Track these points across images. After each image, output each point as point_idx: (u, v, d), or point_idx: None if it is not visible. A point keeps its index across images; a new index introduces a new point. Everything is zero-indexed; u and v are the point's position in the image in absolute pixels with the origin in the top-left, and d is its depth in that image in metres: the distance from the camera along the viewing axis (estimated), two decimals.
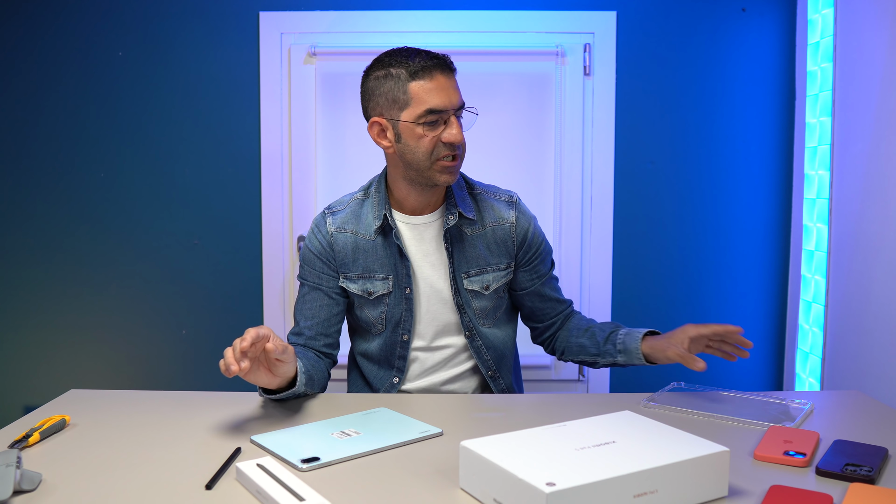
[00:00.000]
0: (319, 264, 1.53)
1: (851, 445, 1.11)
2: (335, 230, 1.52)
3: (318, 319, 1.53)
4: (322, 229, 1.53)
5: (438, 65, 1.37)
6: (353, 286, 1.52)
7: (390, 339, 1.53)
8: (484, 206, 1.53)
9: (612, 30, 2.40)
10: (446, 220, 1.47)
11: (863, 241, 1.96)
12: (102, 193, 2.50)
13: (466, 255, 1.50)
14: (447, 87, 1.37)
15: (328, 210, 1.56)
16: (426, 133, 1.37)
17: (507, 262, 1.53)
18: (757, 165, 2.45)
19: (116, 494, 0.97)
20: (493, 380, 1.56)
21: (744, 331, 1.40)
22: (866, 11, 1.96)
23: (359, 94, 1.47)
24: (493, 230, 1.52)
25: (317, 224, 1.55)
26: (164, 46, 2.45)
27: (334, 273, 1.53)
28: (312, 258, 1.53)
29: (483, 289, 1.51)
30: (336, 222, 1.53)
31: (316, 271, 1.53)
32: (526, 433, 1.01)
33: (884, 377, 1.85)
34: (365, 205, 1.53)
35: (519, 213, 1.54)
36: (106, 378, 2.54)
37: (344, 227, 1.52)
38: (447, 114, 1.37)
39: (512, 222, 1.53)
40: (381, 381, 1.56)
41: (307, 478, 1.01)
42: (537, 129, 2.45)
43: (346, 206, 1.54)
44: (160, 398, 1.40)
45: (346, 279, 1.52)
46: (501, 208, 1.54)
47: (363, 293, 1.51)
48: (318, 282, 1.53)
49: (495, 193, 1.56)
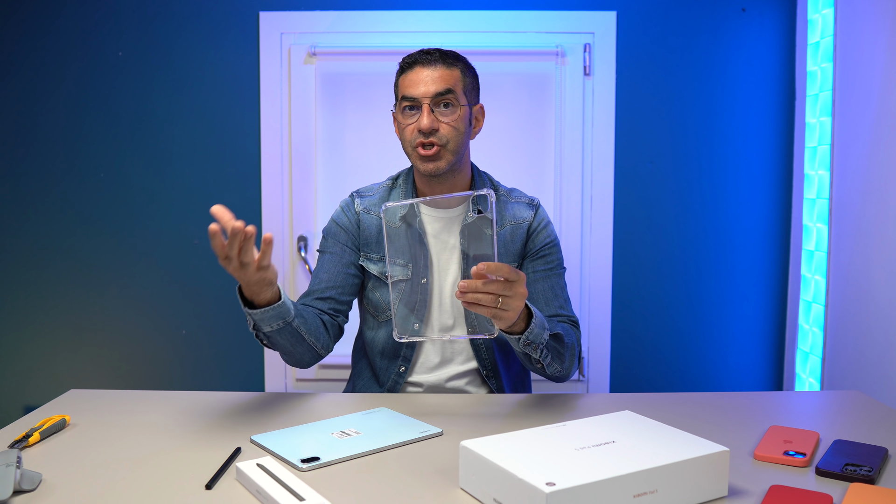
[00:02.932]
0: (344, 237, 1.56)
1: (851, 445, 1.10)
2: (363, 210, 1.57)
3: (330, 283, 1.51)
4: (350, 209, 1.58)
5: (421, 58, 1.46)
6: (374, 267, 1.54)
7: None
8: (504, 207, 1.56)
9: (612, 30, 2.40)
10: (466, 217, 1.51)
11: (863, 241, 1.96)
12: (102, 193, 2.50)
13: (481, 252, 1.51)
14: (425, 78, 1.44)
15: (356, 193, 1.61)
16: (405, 121, 1.46)
17: (517, 261, 1.55)
18: (757, 165, 2.45)
19: (116, 494, 0.97)
20: (488, 379, 1.56)
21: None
22: (866, 11, 1.96)
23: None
24: (511, 230, 1.55)
25: (345, 204, 1.60)
26: (164, 46, 2.45)
27: (356, 249, 1.56)
28: (338, 230, 1.57)
29: None
30: (364, 203, 1.57)
31: (340, 242, 1.56)
32: (526, 433, 1.00)
33: (884, 377, 1.85)
34: (392, 193, 1.58)
35: (537, 213, 1.58)
36: (106, 378, 2.54)
37: (371, 210, 1.56)
38: (419, 101, 1.43)
39: (528, 220, 1.56)
40: (387, 371, 1.57)
41: (307, 478, 1.01)
42: (537, 129, 2.45)
43: (374, 193, 1.59)
44: (160, 398, 1.40)
45: (367, 259, 1.55)
46: (521, 209, 1.57)
47: (381, 275, 1.54)
48: (338, 251, 1.55)
49: (518, 197, 1.60)
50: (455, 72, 1.46)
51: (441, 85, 1.43)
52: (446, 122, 1.43)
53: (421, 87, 1.43)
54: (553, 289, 1.56)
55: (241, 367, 2.54)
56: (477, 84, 1.53)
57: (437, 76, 1.44)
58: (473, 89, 1.51)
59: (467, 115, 1.48)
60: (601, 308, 2.47)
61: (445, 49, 1.49)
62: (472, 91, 1.50)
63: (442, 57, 1.46)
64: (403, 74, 1.47)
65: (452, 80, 1.45)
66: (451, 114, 1.44)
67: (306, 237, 2.48)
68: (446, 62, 1.45)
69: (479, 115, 1.53)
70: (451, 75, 1.45)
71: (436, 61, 1.45)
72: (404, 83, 1.46)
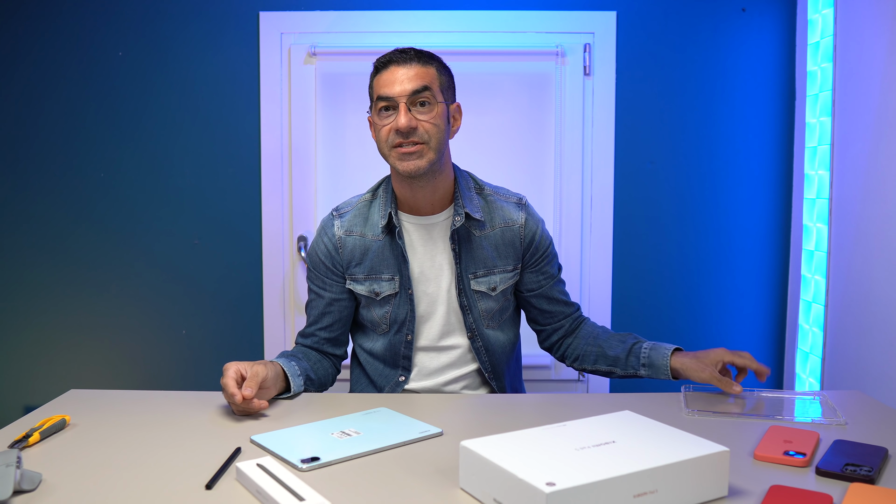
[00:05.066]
0: (324, 269, 1.54)
1: (851, 445, 1.10)
2: (343, 233, 1.53)
3: (323, 324, 1.56)
4: (329, 232, 1.54)
5: (396, 57, 1.42)
6: (360, 287, 1.53)
7: (394, 339, 1.54)
8: (493, 208, 1.53)
9: (612, 30, 2.40)
10: (454, 221, 1.48)
11: (863, 241, 1.96)
12: (102, 193, 2.50)
13: (474, 255, 1.51)
14: (400, 77, 1.40)
15: (336, 212, 1.57)
16: (380, 121, 1.43)
17: (515, 264, 1.54)
18: (757, 165, 2.45)
19: (116, 494, 0.97)
20: (490, 380, 1.56)
21: (770, 372, 1.45)
22: (866, 11, 1.96)
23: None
24: (502, 232, 1.52)
25: (324, 226, 1.56)
26: (164, 46, 2.45)
27: (340, 278, 1.54)
28: (318, 262, 1.55)
29: (490, 290, 1.52)
30: (344, 224, 1.53)
31: (321, 276, 1.55)
32: (526, 433, 1.01)
33: (884, 377, 1.85)
34: (373, 205, 1.54)
35: (528, 215, 1.55)
36: (106, 378, 2.54)
37: (352, 230, 1.53)
38: (395, 101, 1.39)
39: (521, 224, 1.53)
40: (386, 379, 1.57)
41: (307, 478, 1.01)
42: (537, 129, 2.45)
43: (353, 208, 1.55)
44: (160, 398, 1.40)
45: (353, 281, 1.53)
46: (510, 210, 1.54)
47: (370, 294, 1.52)
48: (322, 286, 1.55)
49: (505, 195, 1.57)
50: (430, 69, 1.43)
51: (417, 83, 1.39)
52: (425, 120, 1.40)
53: (397, 86, 1.39)
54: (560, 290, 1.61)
55: None
56: (453, 83, 1.50)
57: (413, 74, 1.40)
58: (449, 88, 1.48)
59: (445, 112, 1.44)
60: (601, 308, 2.47)
61: (420, 48, 1.45)
62: (448, 89, 1.47)
63: (417, 55, 1.42)
64: (378, 74, 1.43)
65: (429, 77, 1.41)
66: (428, 111, 1.40)
67: (306, 237, 2.48)
68: (421, 60, 1.42)
69: (456, 113, 1.49)
70: (427, 73, 1.41)
71: (411, 59, 1.41)
72: (379, 83, 1.42)
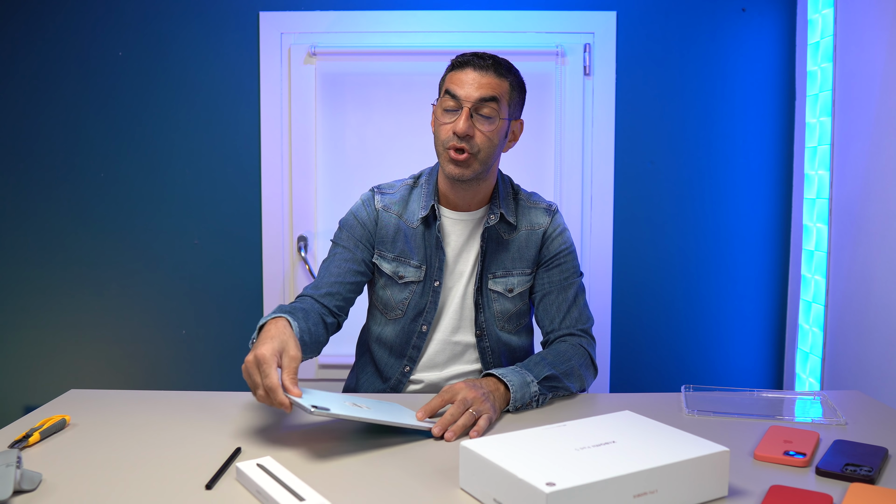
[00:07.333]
0: (360, 232, 1.55)
1: (851, 445, 1.10)
2: (382, 208, 1.55)
3: (339, 279, 1.52)
4: (370, 204, 1.56)
5: (475, 61, 1.42)
6: (387, 266, 1.54)
7: (408, 327, 1.54)
8: (522, 212, 1.55)
9: (612, 30, 2.40)
10: (488, 219, 1.50)
11: (863, 241, 1.96)
12: (102, 194, 2.50)
13: (498, 257, 1.52)
14: (472, 81, 1.41)
15: (377, 189, 1.59)
16: (442, 118, 1.43)
17: (532, 267, 1.54)
18: (757, 165, 2.45)
19: (116, 494, 0.97)
20: None
21: None
22: (866, 11, 1.96)
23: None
24: (527, 234, 1.54)
25: (365, 199, 1.58)
26: (164, 46, 2.45)
27: (369, 246, 1.55)
28: (355, 224, 1.56)
29: (507, 291, 1.53)
30: (384, 201, 1.56)
31: (354, 237, 1.55)
32: (526, 433, 1.01)
33: (884, 377, 1.85)
34: (414, 192, 1.56)
35: (552, 220, 1.56)
36: (106, 378, 2.54)
37: (390, 208, 1.55)
38: (460, 102, 1.40)
39: (544, 226, 1.55)
40: (392, 368, 1.57)
41: (307, 478, 1.01)
42: (537, 129, 2.45)
43: (396, 191, 1.57)
44: (160, 398, 1.40)
45: (382, 257, 1.54)
46: (539, 215, 1.56)
47: (394, 275, 1.53)
48: (352, 247, 1.55)
49: (536, 201, 1.58)
50: (504, 83, 1.43)
51: (487, 91, 1.40)
52: (482, 132, 1.41)
53: (467, 88, 1.40)
54: (567, 301, 1.54)
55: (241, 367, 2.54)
56: (523, 99, 1.50)
57: (486, 82, 1.41)
58: (518, 104, 1.49)
59: (505, 128, 1.46)
60: (601, 308, 2.47)
61: (500, 58, 1.45)
62: (516, 105, 1.48)
63: (495, 65, 1.42)
64: (453, 71, 1.44)
65: (500, 89, 1.42)
66: (489, 124, 1.41)
67: (306, 237, 2.48)
68: (498, 71, 1.42)
69: (516, 129, 1.51)
70: (500, 85, 1.42)
71: (488, 68, 1.41)
72: (452, 80, 1.43)
